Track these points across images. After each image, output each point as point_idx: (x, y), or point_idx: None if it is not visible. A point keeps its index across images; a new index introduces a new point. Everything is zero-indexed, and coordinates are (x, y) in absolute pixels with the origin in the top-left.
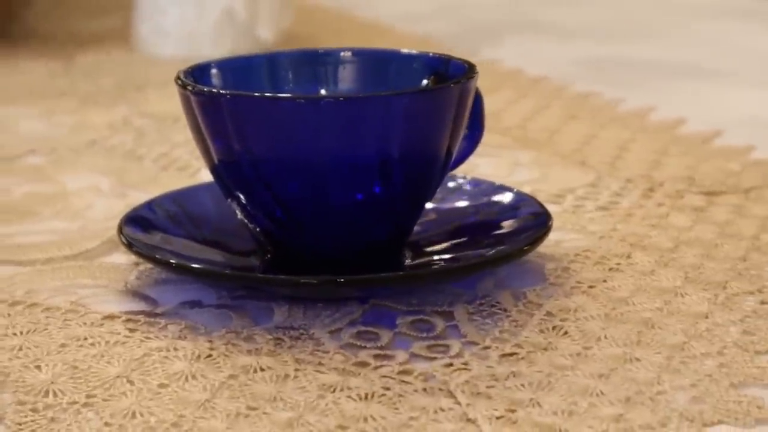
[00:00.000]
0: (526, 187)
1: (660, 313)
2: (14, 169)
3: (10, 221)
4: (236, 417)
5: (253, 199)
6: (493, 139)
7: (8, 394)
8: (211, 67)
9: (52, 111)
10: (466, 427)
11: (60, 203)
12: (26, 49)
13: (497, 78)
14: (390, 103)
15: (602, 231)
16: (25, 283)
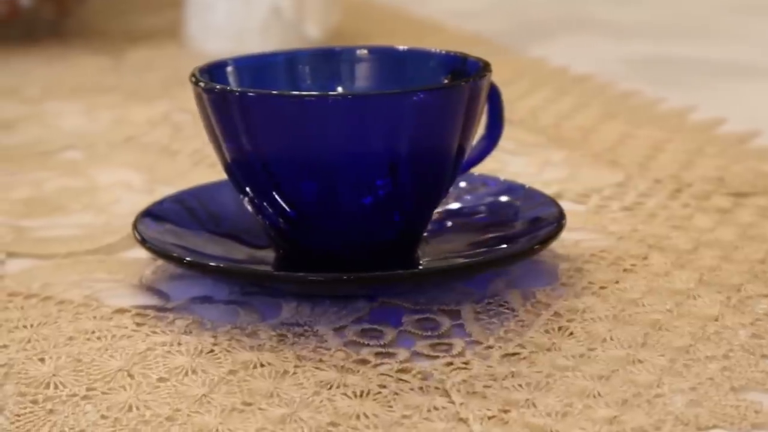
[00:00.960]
0: (553, 186)
1: (670, 315)
2: (50, 164)
3: (38, 215)
4: (230, 412)
5: (263, 198)
6: (527, 138)
7: (11, 386)
8: (228, 65)
9: (95, 106)
10: (457, 427)
11: (88, 198)
12: (79, 45)
13: (541, 76)
14: (397, 101)
15: (622, 231)
16: (43, 277)
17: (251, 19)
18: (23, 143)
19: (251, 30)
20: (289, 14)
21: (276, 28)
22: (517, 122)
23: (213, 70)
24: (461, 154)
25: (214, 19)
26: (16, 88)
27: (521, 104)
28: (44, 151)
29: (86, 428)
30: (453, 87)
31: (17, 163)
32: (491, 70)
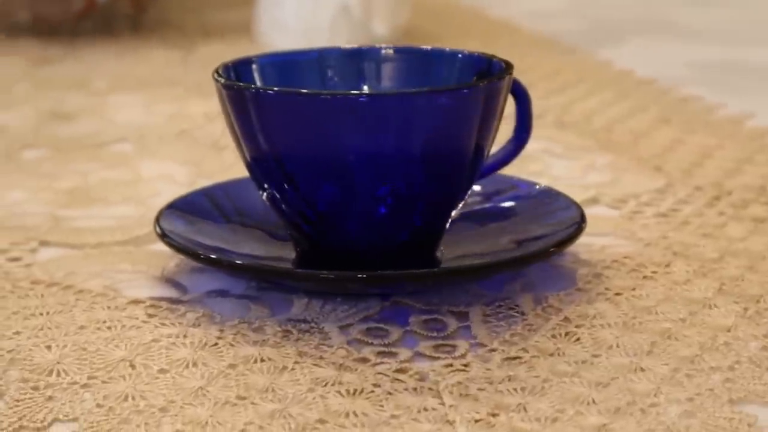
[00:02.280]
0: (591, 191)
1: (682, 324)
2: (99, 155)
3: (78, 205)
4: (223, 405)
5: (281, 196)
6: (576, 141)
7: (15, 371)
8: (253, 62)
9: (156, 100)
10: (443, 428)
11: (130, 190)
12: (154, 40)
13: (604, 79)
14: (410, 101)
15: (651, 238)
16: (68, 266)
17: (319, 16)
18: (79, 134)
19: (319, 27)
20: (357, 12)
21: (344, 26)
22: (570, 125)
23: (240, 67)
24: (480, 155)
25: (283, 15)
26: (85, 80)
27: (577, 107)
28: (97, 143)
29: (80, 416)
30: (467, 88)
31: (69, 154)
32: (511, 72)
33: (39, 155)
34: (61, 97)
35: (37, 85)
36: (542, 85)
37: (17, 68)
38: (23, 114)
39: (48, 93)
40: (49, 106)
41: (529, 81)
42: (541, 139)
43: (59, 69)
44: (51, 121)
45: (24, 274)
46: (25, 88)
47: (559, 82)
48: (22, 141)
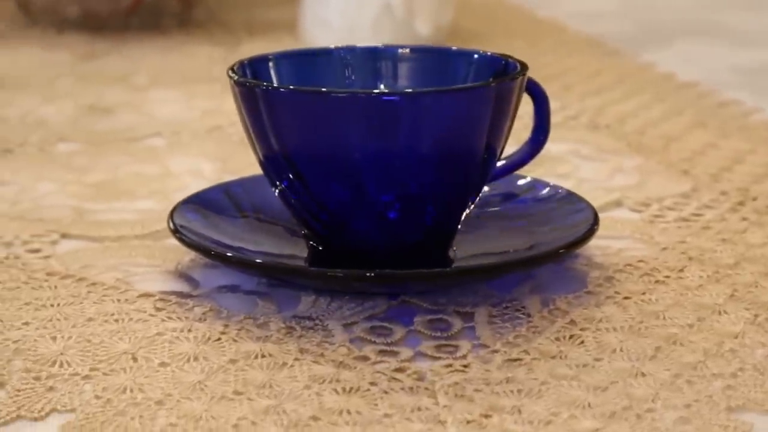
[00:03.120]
0: (615, 193)
1: (689, 329)
2: (131, 149)
3: (104, 198)
4: (219, 400)
5: (292, 194)
6: (607, 143)
7: (19, 361)
8: (269, 60)
9: (194, 95)
10: (434, 428)
11: (157, 184)
12: (200, 36)
13: (644, 81)
14: (417, 101)
15: (668, 242)
16: (85, 258)
17: (363, 14)
18: (115, 129)
19: (362, 26)
20: (400, 12)
21: (387, 25)
22: (603, 127)
23: (257, 65)
24: (492, 155)
25: (327, 13)
26: (128, 75)
27: (613, 109)
28: (131, 137)
29: (77, 407)
30: (476, 88)
31: (102, 148)
32: (525, 73)
33: (73, 148)
34: (102, 91)
35: (80, 79)
36: (580, 86)
37: (63, 63)
38: (63, 107)
39: (90, 87)
40: (89, 101)
41: (567, 82)
42: (571, 141)
43: (103, 64)
44: (89, 115)
45: (41, 265)
46: (68, 83)
47: (598, 83)
48: (59, 134)
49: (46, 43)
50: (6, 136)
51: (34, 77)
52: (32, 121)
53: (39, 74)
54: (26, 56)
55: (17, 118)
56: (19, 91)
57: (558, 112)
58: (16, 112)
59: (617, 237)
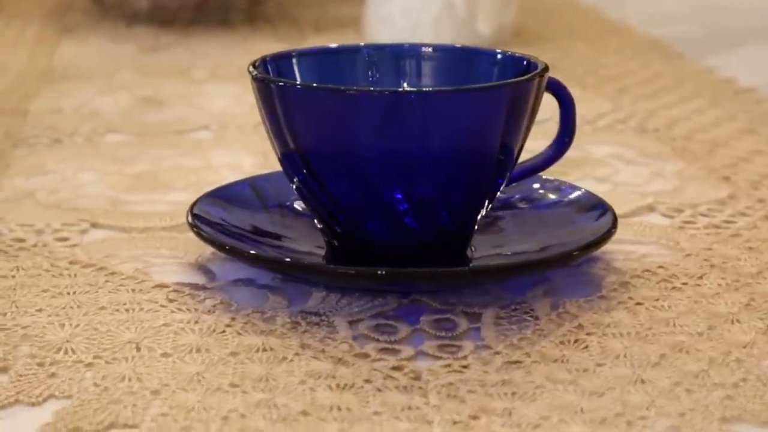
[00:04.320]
0: (649, 198)
1: (698, 337)
2: (177, 142)
3: (141, 190)
4: (214, 392)
5: (308, 191)
6: (652, 147)
7: (26, 347)
8: (293, 57)
9: (248, 90)
10: (420, 428)
11: (195, 177)
12: (266, 32)
13: (702, 86)
14: (426, 99)
15: (693, 249)
16: (110, 248)
17: (425, 12)
18: (164, 121)
19: (424, 23)
20: (461, 10)
21: (448, 24)
22: (651, 131)
23: (281, 61)
24: (508, 156)
25: (390, 11)
26: (187, 69)
27: (664, 113)
28: (178, 130)
29: (74, 394)
30: (488, 88)
31: (148, 139)
32: (543, 74)
33: (119, 139)
34: (159, 84)
35: (140, 71)
36: (636, 89)
37: (127, 55)
38: (118, 99)
39: (148, 80)
40: (145, 93)
41: (623, 85)
42: (615, 145)
43: (166, 57)
44: (142, 107)
45: (66, 254)
46: (128, 75)
47: (655, 87)
48: (109, 125)
49: (114, 36)
50: (58, 126)
51: (96, 69)
52: (86, 112)
53: (101, 66)
54: (93, 48)
55: (72, 109)
56: (79, 82)
57: (608, 115)
58: (71, 103)
59: (642, 242)
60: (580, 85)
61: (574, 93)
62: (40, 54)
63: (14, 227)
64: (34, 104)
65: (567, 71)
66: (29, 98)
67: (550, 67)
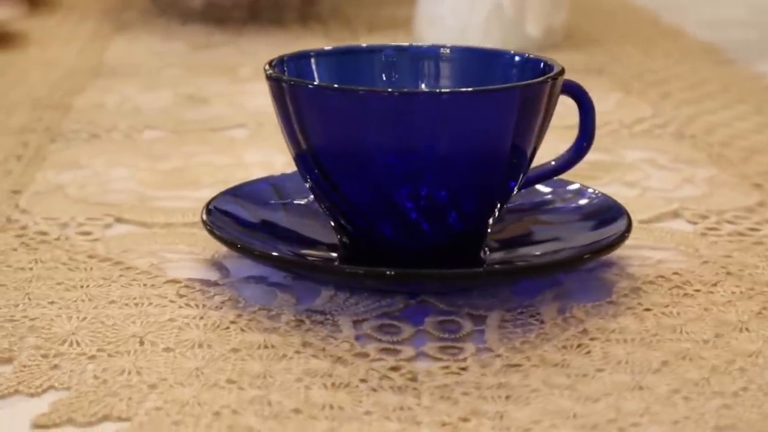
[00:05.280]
0: (675, 204)
1: (703, 345)
2: (211, 139)
3: (169, 186)
4: (211, 387)
5: (321, 191)
6: (686, 153)
7: (32, 338)
8: (311, 56)
9: None
10: (409, 428)
11: (224, 174)
12: (318, 32)
13: (748, 92)
14: (437, 100)
15: (711, 256)
16: (130, 243)
17: (474, 14)
18: (202, 118)
19: (473, 26)
20: (510, 12)
21: (497, 26)
22: (688, 137)
23: (300, 60)
24: (520, 158)
25: (439, 12)
26: (233, 67)
27: (705, 119)
28: (215, 127)
29: (73, 386)
30: (497, 90)
31: (184, 136)
32: (557, 76)
33: (156, 136)
34: (204, 82)
35: (187, 69)
36: (680, 94)
37: (177, 53)
38: (161, 96)
39: (194, 78)
40: (189, 90)
41: (668, 89)
42: (650, 149)
43: (215, 55)
44: (183, 105)
45: (86, 247)
46: (174, 72)
47: (700, 92)
48: (148, 122)
49: (167, 34)
50: (97, 122)
51: (144, 66)
52: (128, 108)
53: (150, 63)
54: (144, 45)
55: (114, 105)
56: (125, 78)
57: (647, 119)
58: (114, 99)
59: (661, 248)
60: (624, 89)
61: (617, 97)
62: (92, 50)
63: (39, 220)
64: (78, 99)
65: (613, 75)
66: (74, 93)
67: (597, 71)
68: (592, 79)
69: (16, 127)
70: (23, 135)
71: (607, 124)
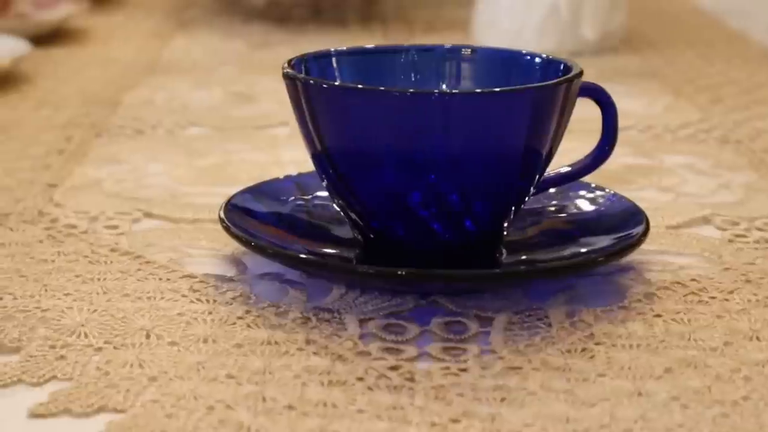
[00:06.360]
0: (707, 210)
1: (710, 353)
2: (253, 137)
3: (203, 183)
4: (209, 382)
5: (336, 191)
6: (728, 159)
7: (42, 329)
8: (332, 56)
9: None
10: (398, 428)
11: (259, 172)
12: (377, 32)
13: None
14: (449, 101)
15: (734, 263)
16: (153, 238)
17: (530, 16)
18: (247, 116)
19: (530, 27)
20: (566, 15)
21: (553, 28)
22: (732, 143)
23: (321, 59)
24: (535, 160)
25: (496, 14)
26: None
27: (751, 125)
28: (258, 125)
29: (75, 377)
30: (508, 92)
31: (226, 134)
32: (573, 79)
33: (199, 132)
34: (255, 80)
35: (241, 67)
36: (731, 100)
37: (234, 51)
38: (211, 94)
39: (246, 76)
40: (239, 88)
41: (719, 95)
42: (690, 154)
43: (271, 54)
44: (231, 102)
45: (110, 241)
46: (228, 70)
47: (753, 98)
48: (192, 119)
49: (227, 32)
50: (144, 118)
51: (199, 63)
52: (176, 105)
53: (206, 61)
54: (204, 43)
55: (163, 102)
56: (178, 75)
57: (693, 124)
58: (164, 96)
59: (684, 254)
60: (675, 93)
61: (666, 101)
62: (151, 47)
63: (70, 214)
64: (128, 96)
65: (666, 78)
66: (126, 90)
67: (651, 74)
68: (644, 82)
69: (62, 121)
70: (68, 130)
71: (651, 128)
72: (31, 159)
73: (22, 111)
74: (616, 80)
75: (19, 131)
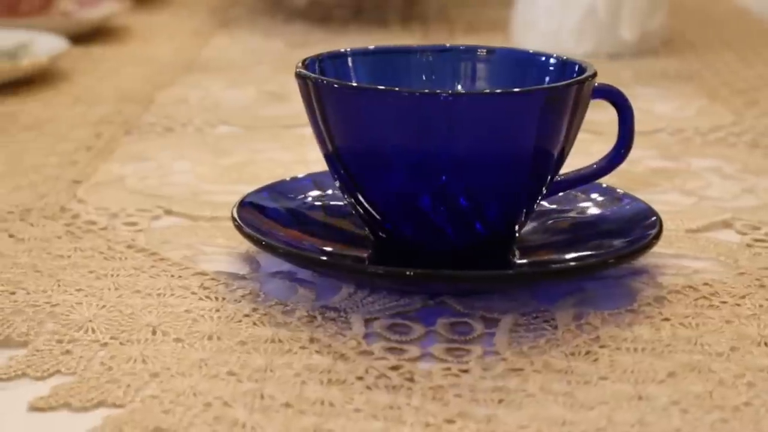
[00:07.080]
0: (728, 214)
1: (716, 358)
2: (280, 136)
3: (226, 181)
4: (210, 379)
5: (347, 190)
6: (755, 163)
7: (51, 324)
8: (348, 56)
9: None
10: (392, 428)
11: (282, 171)
12: (416, 32)
13: None
14: (457, 101)
15: (749, 268)
16: (170, 235)
17: (568, 18)
18: (277, 115)
19: (567, 29)
20: (604, 16)
21: (591, 30)
22: (762, 147)
23: (337, 59)
24: (546, 162)
25: (534, 15)
26: None
27: None
28: (286, 125)
29: (79, 372)
30: (516, 93)
31: (254, 133)
32: (585, 81)
33: (227, 131)
34: (288, 79)
35: (277, 67)
36: (766, 103)
37: (272, 50)
38: (245, 93)
39: (281, 75)
40: (272, 88)
41: (754, 98)
42: (718, 158)
43: (308, 53)
44: (263, 101)
45: (127, 237)
46: (264, 69)
47: None
48: (223, 117)
49: (267, 31)
50: (175, 116)
51: (237, 62)
52: (208, 103)
53: (243, 60)
54: (243, 43)
55: (196, 100)
56: (214, 74)
57: (725, 128)
58: (198, 94)
59: (701, 258)
60: (710, 95)
61: (700, 104)
62: (191, 46)
63: (91, 210)
64: (162, 94)
65: (702, 81)
66: (160, 88)
67: (687, 77)
68: (679, 85)
69: (95, 119)
70: (99, 127)
71: (682, 131)
72: (59, 155)
73: (56, 108)
74: (652, 83)
75: (51, 127)
